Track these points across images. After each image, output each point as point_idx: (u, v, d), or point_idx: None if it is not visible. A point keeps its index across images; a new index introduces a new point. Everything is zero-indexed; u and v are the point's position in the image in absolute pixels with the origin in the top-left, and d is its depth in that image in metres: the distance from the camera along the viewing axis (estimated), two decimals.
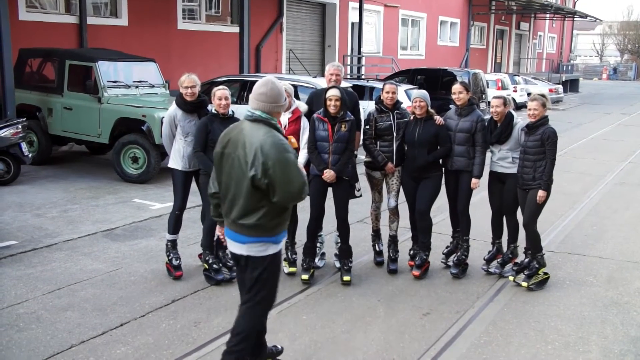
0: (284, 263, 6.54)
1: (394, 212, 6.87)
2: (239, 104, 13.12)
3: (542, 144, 6.18)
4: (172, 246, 6.60)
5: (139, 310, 5.63)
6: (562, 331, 5.46)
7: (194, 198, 7.02)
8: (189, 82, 6.40)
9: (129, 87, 11.21)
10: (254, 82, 14.83)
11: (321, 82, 13.07)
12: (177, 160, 6.44)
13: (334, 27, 23.48)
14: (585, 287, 6.55)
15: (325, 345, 5.12)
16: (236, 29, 16.85)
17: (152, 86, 11.63)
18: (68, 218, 8.39)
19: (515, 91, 25.87)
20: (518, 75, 30.37)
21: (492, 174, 6.64)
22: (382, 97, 6.65)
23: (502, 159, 6.48)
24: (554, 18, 47.21)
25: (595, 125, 21.41)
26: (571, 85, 40.38)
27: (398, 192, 6.81)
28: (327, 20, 23.49)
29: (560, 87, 30.69)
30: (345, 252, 6.52)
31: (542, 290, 6.37)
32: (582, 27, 77.39)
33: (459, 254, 6.79)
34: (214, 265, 6.33)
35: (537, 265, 6.40)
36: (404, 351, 5.04)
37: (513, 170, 6.40)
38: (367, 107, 9.27)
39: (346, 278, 6.41)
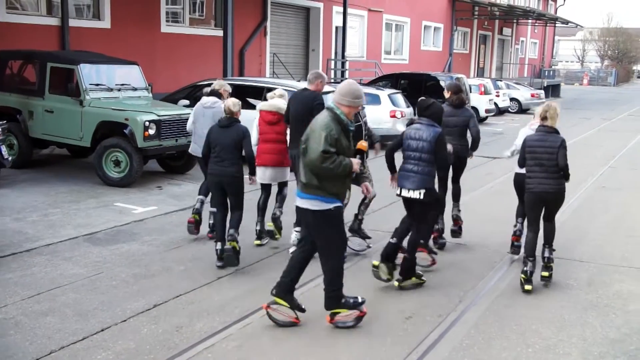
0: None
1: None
2: None
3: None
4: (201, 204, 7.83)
5: (120, 315, 5.59)
6: (543, 334, 5.50)
7: (176, 202, 6.96)
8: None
9: (112, 90, 11.13)
10: (237, 86, 14.94)
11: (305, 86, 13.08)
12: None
13: (318, 31, 23.52)
14: (565, 290, 6.61)
15: (308, 349, 5.11)
16: (220, 33, 16.82)
17: (135, 89, 11.56)
18: (49, 222, 8.32)
19: (497, 96, 26.04)
20: (501, 80, 30.58)
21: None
22: None
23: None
24: (536, 24, 47.61)
25: (576, 130, 21.60)
26: (553, 91, 40.75)
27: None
28: (311, 24, 23.53)
29: (542, 92, 30.95)
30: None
31: (523, 294, 6.42)
32: (563, 33, 78.27)
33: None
34: None
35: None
36: (387, 355, 5.05)
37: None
38: None
39: None
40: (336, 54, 24.14)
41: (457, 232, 8.03)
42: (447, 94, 7.85)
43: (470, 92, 20.84)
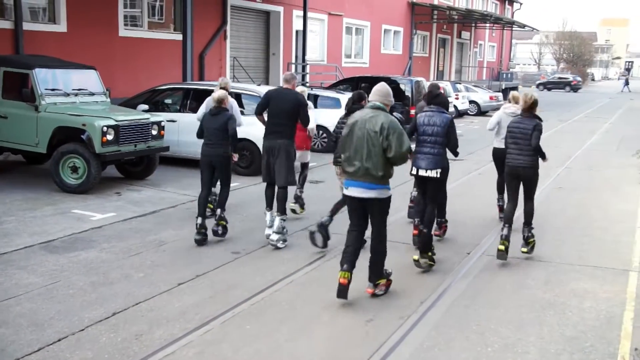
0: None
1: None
2: (182, 112, 13.00)
3: None
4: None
5: (78, 324, 5.49)
6: (502, 333, 5.58)
7: (135, 208, 6.87)
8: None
9: (68, 95, 10.93)
10: (197, 90, 14.89)
11: (265, 90, 13.05)
12: None
13: (279, 35, 23.50)
14: (523, 289, 6.72)
15: (269, 355, 5.09)
16: (180, 37, 16.69)
17: (92, 94, 11.37)
18: (2, 230, 8.11)
19: (457, 98, 26.39)
20: (460, 83, 31.00)
21: None
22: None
23: None
24: (494, 27, 48.41)
25: None
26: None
27: None
28: (272, 28, 23.49)
29: (500, 95, 31.42)
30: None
31: (483, 294, 6.52)
32: (520, 37, 79.81)
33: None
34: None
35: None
36: (348, 358, 5.06)
37: None
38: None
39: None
40: (297, 57, 24.16)
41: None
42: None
43: None
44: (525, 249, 7.67)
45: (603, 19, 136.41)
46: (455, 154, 7.46)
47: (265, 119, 8.26)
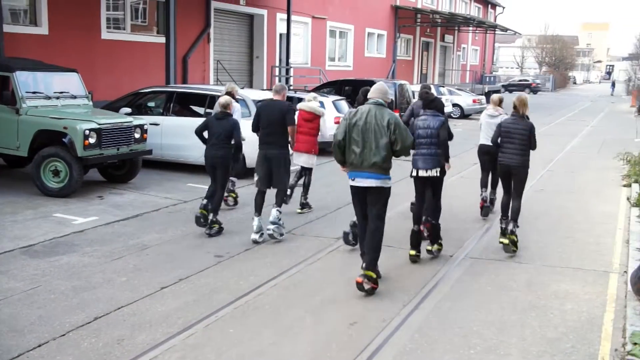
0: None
1: None
2: (165, 115, 12.95)
3: None
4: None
5: (59, 329, 5.44)
6: (484, 335, 5.61)
7: (118, 211, 6.82)
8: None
9: (50, 98, 10.85)
10: (180, 94, 14.91)
11: (249, 93, 13.06)
12: None
13: (262, 38, 23.47)
14: (506, 291, 6.76)
15: (253, 359, 5.08)
16: (163, 39, 16.58)
17: (74, 97, 11.29)
18: None
19: None
20: (443, 86, 31.16)
21: None
22: None
23: None
24: (477, 31, 48.72)
25: None
26: None
27: None
28: (255, 31, 23.46)
29: (483, 98, 31.59)
30: None
31: (466, 297, 6.55)
32: (503, 40, 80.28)
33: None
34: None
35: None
36: None
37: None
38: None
39: None
40: (280, 60, 24.15)
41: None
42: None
43: (414, 98, 21.12)
44: (506, 241, 7.96)
45: (584, 23, 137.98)
46: (446, 155, 7.88)
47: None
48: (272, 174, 8.32)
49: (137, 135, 11.07)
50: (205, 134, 8.77)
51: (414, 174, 7.69)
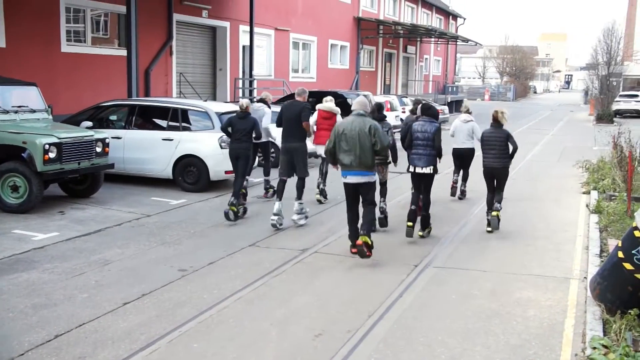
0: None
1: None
2: (128, 128, 12.81)
3: None
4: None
5: (17, 348, 5.31)
6: (449, 344, 5.65)
7: (79, 227, 6.69)
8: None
9: (8, 112, 10.65)
10: (143, 107, 14.85)
11: (212, 106, 12.99)
12: None
13: (225, 51, 23.40)
14: (470, 299, 6.82)
15: None
16: (124, 52, 16.40)
17: (33, 111, 11.11)
18: None
19: (404, 112, 26.68)
20: (406, 97, 31.43)
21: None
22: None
23: None
24: (439, 42, 49.34)
25: (478, 144, 22.40)
26: (456, 106, 42.13)
27: None
28: (218, 43, 23.38)
29: (446, 108, 31.97)
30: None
31: (430, 306, 6.59)
32: (465, 51, 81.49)
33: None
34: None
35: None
36: None
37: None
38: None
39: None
40: (244, 72, 24.09)
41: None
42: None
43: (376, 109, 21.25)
44: (495, 213, 9.64)
45: (543, 34, 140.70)
46: (439, 155, 9.18)
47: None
48: (293, 164, 9.78)
49: (98, 149, 10.93)
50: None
51: (411, 170, 9.16)
